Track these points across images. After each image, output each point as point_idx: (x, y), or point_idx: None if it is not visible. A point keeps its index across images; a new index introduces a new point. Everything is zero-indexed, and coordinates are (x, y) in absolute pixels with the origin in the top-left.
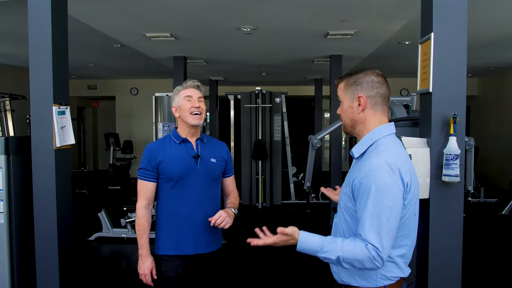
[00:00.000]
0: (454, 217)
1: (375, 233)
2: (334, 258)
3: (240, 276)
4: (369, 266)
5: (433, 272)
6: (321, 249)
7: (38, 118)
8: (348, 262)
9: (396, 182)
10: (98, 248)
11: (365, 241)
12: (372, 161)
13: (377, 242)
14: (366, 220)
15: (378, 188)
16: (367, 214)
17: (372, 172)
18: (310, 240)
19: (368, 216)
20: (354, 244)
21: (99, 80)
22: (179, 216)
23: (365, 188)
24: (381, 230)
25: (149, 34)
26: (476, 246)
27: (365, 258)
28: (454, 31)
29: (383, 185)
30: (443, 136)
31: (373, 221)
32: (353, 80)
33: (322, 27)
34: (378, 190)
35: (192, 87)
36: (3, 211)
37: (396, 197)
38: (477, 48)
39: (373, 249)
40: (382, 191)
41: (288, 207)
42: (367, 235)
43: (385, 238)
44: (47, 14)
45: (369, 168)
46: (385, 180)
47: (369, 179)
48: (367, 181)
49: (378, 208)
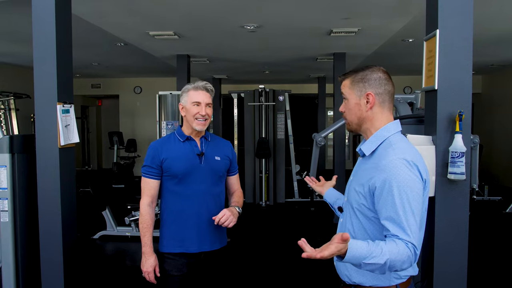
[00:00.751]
0: (460, 215)
1: (410, 230)
2: (383, 263)
3: (245, 275)
4: (407, 266)
5: (438, 270)
6: (369, 254)
7: (42, 117)
8: (392, 266)
9: (417, 179)
10: (102, 247)
11: (404, 241)
12: (390, 160)
13: (414, 240)
14: (399, 219)
15: (403, 185)
16: (398, 213)
17: (393, 170)
18: (359, 246)
19: (401, 214)
20: (396, 245)
21: (103, 79)
22: (184, 214)
23: (389, 188)
24: (414, 228)
25: (152, 33)
26: (481, 244)
27: (406, 258)
28: (459, 28)
29: (406, 182)
30: (448, 134)
31: (407, 219)
32: (360, 77)
33: (326, 25)
34: (403, 188)
35: (203, 89)
36: (7, 209)
37: (419, 194)
38: (481, 45)
39: (412, 247)
40: (407, 188)
41: (291, 205)
42: (404, 234)
43: (417, 235)
44: (51, 12)
45: (389, 166)
46: (408, 177)
47: (391, 178)
48: (389, 180)
49: (408, 206)
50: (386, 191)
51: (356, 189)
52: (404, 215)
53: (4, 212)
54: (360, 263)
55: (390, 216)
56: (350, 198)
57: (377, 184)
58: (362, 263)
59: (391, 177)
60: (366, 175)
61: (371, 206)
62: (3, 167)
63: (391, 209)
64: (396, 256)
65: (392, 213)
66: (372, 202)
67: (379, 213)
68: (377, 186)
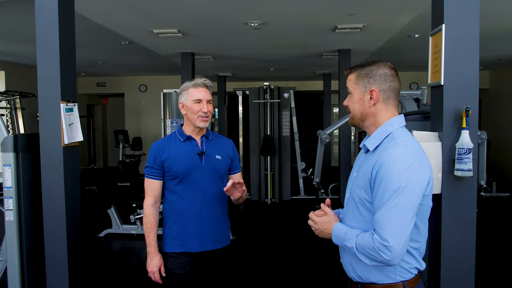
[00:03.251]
0: (467, 212)
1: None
2: (350, 247)
3: (250, 272)
4: (379, 257)
5: (445, 268)
6: (345, 236)
7: (46, 116)
8: (363, 253)
9: (416, 173)
10: (108, 245)
11: (375, 233)
12: (391, 152)
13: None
14: (382, 212)
15: (397, 178)
16: (383, 206)
17: (392, 163)
18: (339, 228)
19: (384, 208)
20: (368, 235)
21: (108, 78)
22: (186, 213)
23: (382, 179)
24: (395, 223)
25: (156, 31)
26: (489, 242)
27: (372, 250)
28: (466, 22)
29: (401, 176)
30: (455, 130)
31: (389, 215)
32: (365, 72)
33: (331, 21)
34: (398, 181)
35: (203, 86)
36: (12, 208)
37: (416, 189)
38: (489, 41)
39: (379, 241)
40: (402, 182)
41: (297, 203)
42: (378, 227)
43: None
44: (54, 11)
45: (389, 159)
46: (404, 171)
47: (387, 169)
48: (385, 172)
49: (396, 201)
50: (381, 183)
51: (359, 184)
52: (387, 209)
53: (9, 211)
54: (343, 245)
55: (376, 208)
56: (353, 194)
57: (374, 175)
58: (344, 245)
59: (389, 171)
60: (368, 169)
61: (371, 198)
62: (8, 166)
63: (379, 201)
64: (362, 244)
65: (378, 204)
66: (371, 194)
67: (373, 203)
68: (374, 177)
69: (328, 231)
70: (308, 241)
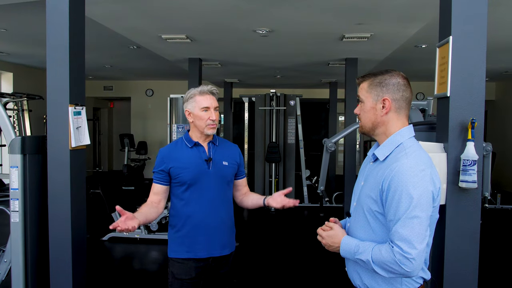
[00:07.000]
0: (471, 224)
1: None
2: (365, 260)
3: (253, 279)
4: (399, 269)
5: (449, 280)
6: (357, 251)
7: (54, 118)
8: (379, 266)
9: (427, 184)
10: (111, 248)
11: (393, 245)
12: (402, 163)
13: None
14: (398, 224)
15: (411, 192)
16: (399, 218)
17: (405, 174)
18: (349, 242)
19: (401, 220)
20: (385, 248)
21: (115, 81)
22: (192, 219)
23: (396, 191)
24: (412, 234)
25: (165, 36)
26: (493, 254)
27: (391, 262)
28: (473, 34)
29: (415, 187)
30: (460, 141)
31: (404, 225)
32: (378, 81)
33: (338, 30)
34: (411, 194)
35: (209, 93)
36: (18, 210)
37: (428, 201)
38: (495, 52)
39: (399, 253)
40: (415, 194)
41: (301, 210)
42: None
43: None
44: (65, 15)
45: (401, 169)
46: (417, 183)
47: (400, 181)
48: (398, 184)
49: (411, 213)
50: (394, 195)
51: (368, 194)
52: (405, 222)
53: (15, 212)
54: (355, 258)
55: (391, 220)
56: (362, 203)
57: (386, 187)
58: (356, 259)
59: (401, 183)
60: (379, 180)
61: (382, 210)
62: (15, 168)
63: (394, 213)
64: (379, 258)
65: (393, 217)
66: (382, 206)
67: (386, 216)
68: (386, 189)
69: (337, 244)
70: (311, 249)
